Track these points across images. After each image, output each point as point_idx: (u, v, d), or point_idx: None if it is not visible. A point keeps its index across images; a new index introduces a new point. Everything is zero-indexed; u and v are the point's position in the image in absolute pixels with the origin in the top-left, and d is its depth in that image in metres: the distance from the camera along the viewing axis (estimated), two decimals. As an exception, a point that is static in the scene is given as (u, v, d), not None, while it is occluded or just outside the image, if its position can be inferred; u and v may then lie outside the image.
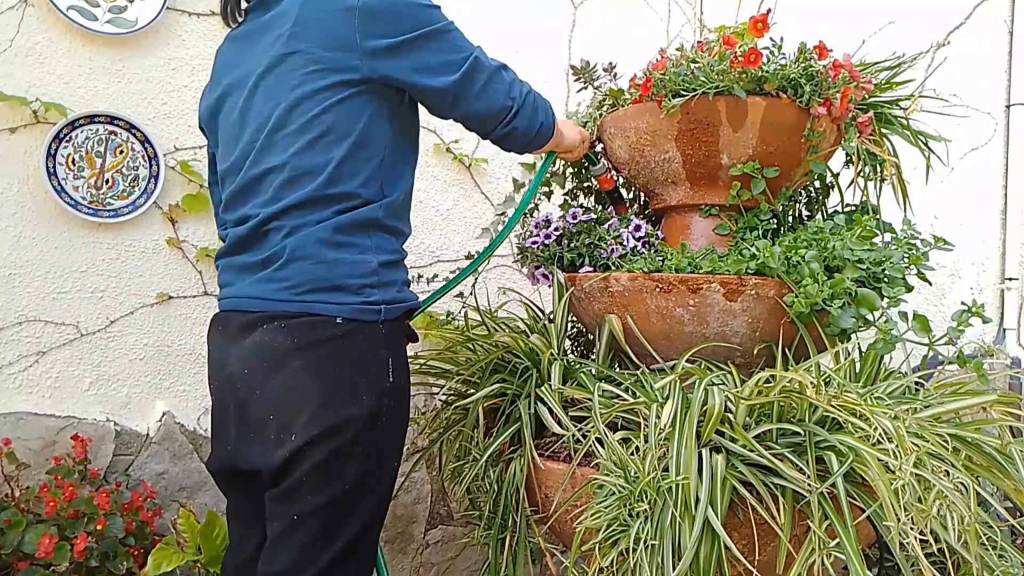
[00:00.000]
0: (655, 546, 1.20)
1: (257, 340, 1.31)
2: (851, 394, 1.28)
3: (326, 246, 1.28)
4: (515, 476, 1.53)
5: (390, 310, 1.33)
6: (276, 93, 1.31)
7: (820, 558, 1.18)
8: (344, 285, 1.29)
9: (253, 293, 1.33)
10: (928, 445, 1.22)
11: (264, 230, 1.32)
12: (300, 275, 1.29)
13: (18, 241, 2.02)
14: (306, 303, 1.28)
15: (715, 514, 1.20)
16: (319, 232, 1.28)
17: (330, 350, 1.27)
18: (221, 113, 1.44)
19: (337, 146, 1.29)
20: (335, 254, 1.29)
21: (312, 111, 1.28)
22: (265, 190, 1.33)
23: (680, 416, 1.29)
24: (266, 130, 1.31)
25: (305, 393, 1.26)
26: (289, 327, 1.28)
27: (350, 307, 1.29)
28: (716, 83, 1.54)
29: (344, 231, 1.30)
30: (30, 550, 1.73)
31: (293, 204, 1.29)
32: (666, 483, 1.22)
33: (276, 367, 1.28)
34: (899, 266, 1.47)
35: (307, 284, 1.28)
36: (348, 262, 1.30)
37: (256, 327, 1.31)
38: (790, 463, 1.24)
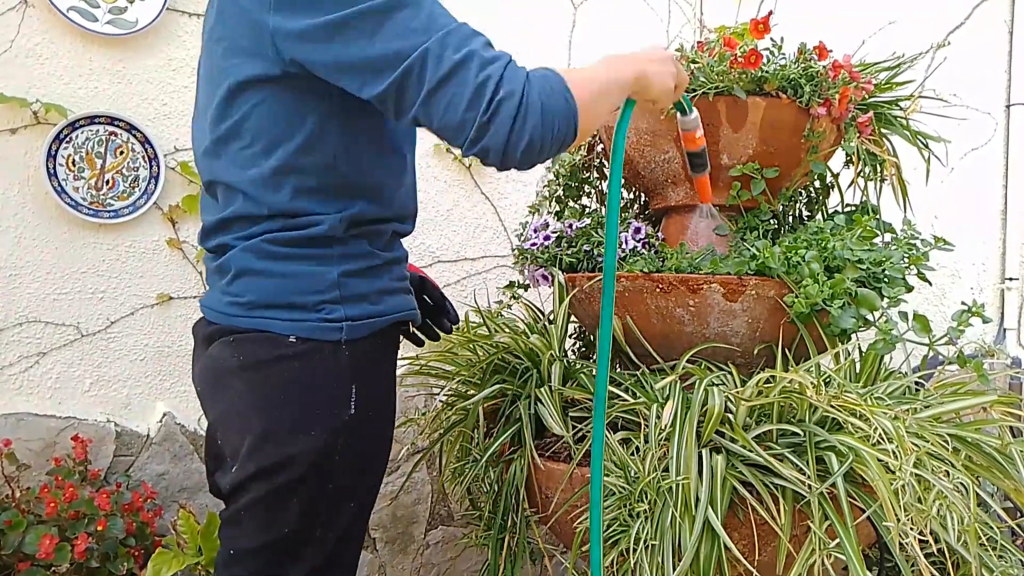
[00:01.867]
0: (655, 546, 1.20)
1: (211, 355, 1.17)
2: (851, 394, 1.28)
3: (273, 259, 1.11)
4: (515, 476, 1.53)
5: (356, 327, 1.11)
6: (209, 92, 1.14)
7: (820, 558, 1.18)
8: (295, 303, 1.10)
9: (211, 304, 1.18)
10: (928, 445, 1.22)
11: (217, 242, 1.17)
12: (248, 290, 1.12)
13: (19, 242, 2.02)
14: (257, 319, 1.11)
15: (715, 514, 1.20)
16: (264, 244, 1.11)
17: (277, 373, 1.09)
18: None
19: (267, 155, 1.09)
20: (283, 266, 1.11)
21: (235, 114, 1.09)
22: (214, 198, 1.19)
23: (680, 416, 1.29)
24: (207, 135, 1.15)
25: (245, 421, 1.11)
26: (237, 342, 1.12)
27: (306, 324, 1.10)
28: (716, 83, 1.54)
29: (295, 244, 1.11)
30: (31, 551, 1.73)
31: (234, 217, 1.13)
32: (666, 483, 1.22)
33: (221, 386, 1.15)
34: (899, 266, 1.47)
35: (257, 301, 1.11)
36: (301, 274, 1.11)
37: (211, 341, 1.17)
38: (790, 463, 1.24)
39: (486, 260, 2.47)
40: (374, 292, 1.16)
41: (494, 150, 0.98)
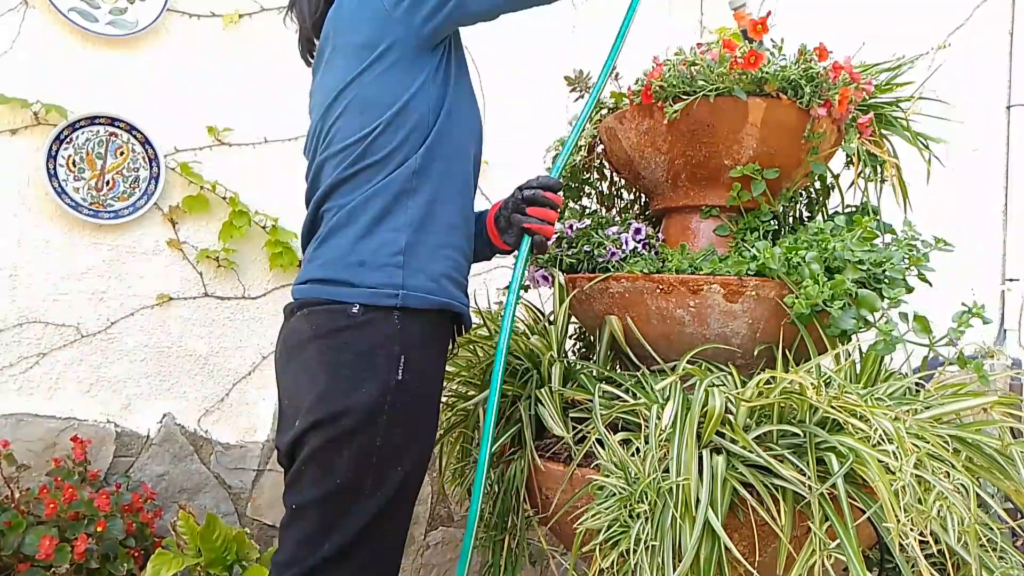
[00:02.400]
0: (655, 547, 1.20)
1: (289, 327, 1.35)
2: (851, 395, 1.28)
3: (358, 219, 1.28)
4: (515, 477, 1.53)
5: (411, 298, 1.27)
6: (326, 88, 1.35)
7: (820, 559, 1.18)
8: (366, 261, 1.27)
9: (298, 279, 1.35)
10: (928, 446, 1.22)
11: (320, 212, 1.34)
12: (331, 251, 1.29)
13: (19, 243, 2.02)
14: (328, 287, 1.27)
15: (715, 515, 1.20)
16: (354, 205, 1.28)
17: (342, 339, 1.26)
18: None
19: (372, 117, 1.29)
20: (364, 228, 1.28)
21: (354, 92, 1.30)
22: (323, 178, 1.34)
23: (680, 417, 1.29)
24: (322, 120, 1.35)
25: (312, 380, 1.26)
26: (311, 314, 1.29)
27: (365, 291, 1.26)
28: (716, 84, 1.54)
29: (377, 201, 1.28)
30: (30, 552, 1.73)
31: (337, 182, 1.31)
32: (666, 484, 1.22)
33: (296, 354, 1.30)
34: (899, 267, 1.47)
35: (335, 261, 1.28)
36: (375, 236, 1.28)
37: (293, 314, 1.34)
38: (790, 464, 1.24)
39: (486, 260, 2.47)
40: (438, 273, 1.31)
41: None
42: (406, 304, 1.26)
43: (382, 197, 1.28)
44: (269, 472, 2.24)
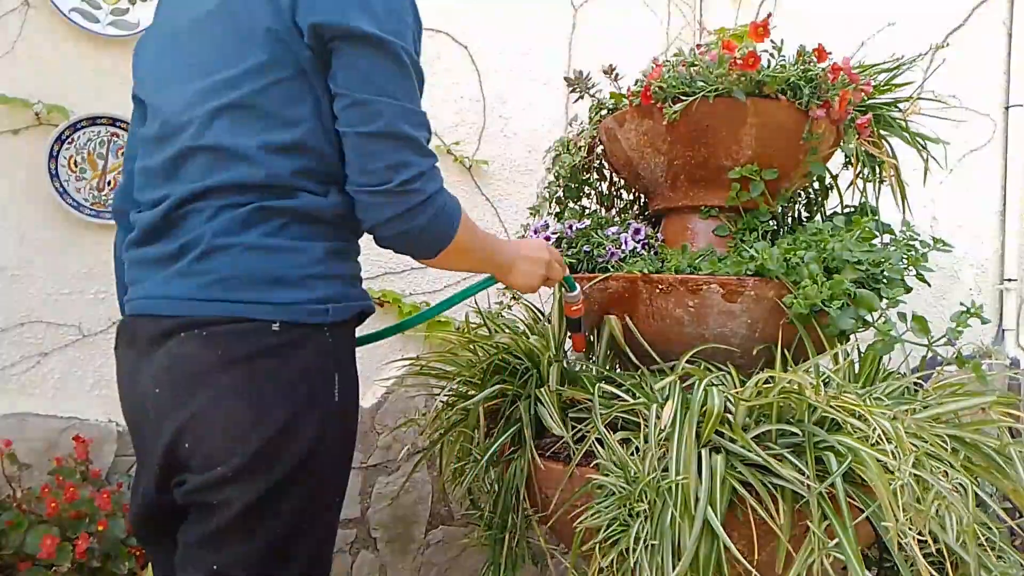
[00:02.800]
0: (655, 546, 1.20)
1: (174, 353, 1.07)
2: (850, 395, 1.29)
3: (258, 230, 1.07)
4: (515, 476, 1.53)
5: (339, 310, 1.11)
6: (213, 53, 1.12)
7: (819, 558, 1.18)
8: (280, 278, 1.07)
9: (168, 292, 1.09)
10: (927, 446, 1.22)
11: (181, 212, 1.11)
12: (227, 266, 1.06)
13: (20, 243, 2.02)
14: (234, 304, 1.05)
15: (715, 514, 1.20)
16: (252, 214, 1.07)
17: (266, 365, 1.05)
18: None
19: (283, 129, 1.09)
20: (268, 239, 1.07)
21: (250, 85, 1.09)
22: (180, 169, 1.13)
23: (680, 417, 1.30)
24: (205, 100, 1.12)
25: (232, 418, 1.04)
26: (213, 336, 1.05)
27: (290, 308, 1.07)
28: (715, 85, 1.54)
29: (284, 214, 1.09)
30: (32, 551, 1.74)
31: (221, 186, 1.08)
32: (666, 483, 1.23)
33: (197, 386, 1.05)
34: (898, 267, 1.48)
35: (237, 276, 1.06)
36: (286, 248, 1.08)
37: (171, 336, 1.07)
38: (789, 463, 1.25)
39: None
40: (349, 275, 1.17)
41: (383, 211, 1.10)
42: (336, 318, 1.11)
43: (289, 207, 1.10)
44: (270, 471, 2.25)
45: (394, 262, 2.36)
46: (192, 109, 1.11)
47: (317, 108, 1.09)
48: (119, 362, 1.20)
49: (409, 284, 2.40)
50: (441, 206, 1.12)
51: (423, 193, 1.09)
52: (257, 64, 1.07)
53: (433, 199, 1.11)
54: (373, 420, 2.33)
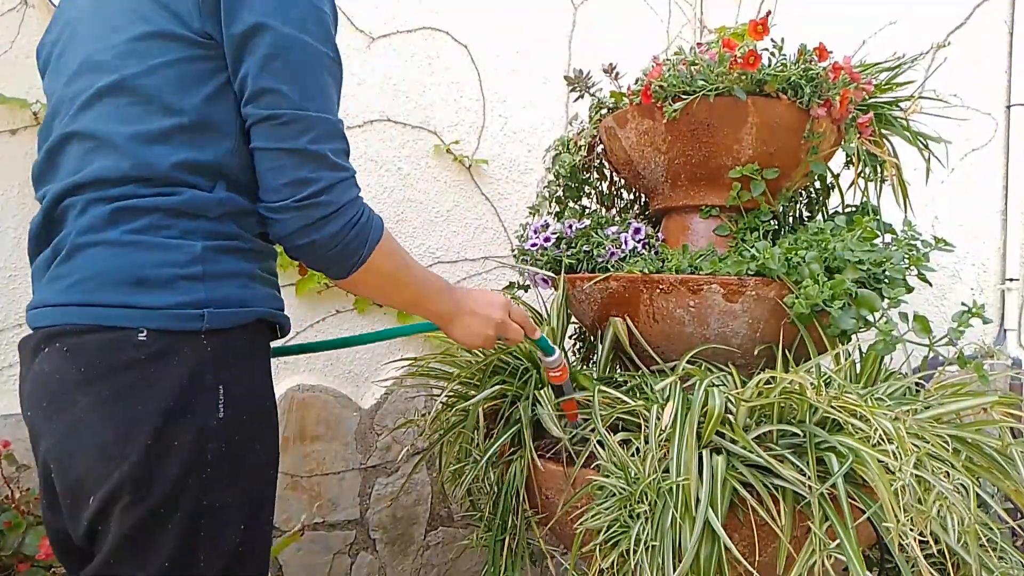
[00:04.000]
0: (655, 547, 1.20)
1: (38, 370, 1.00)
2: (851, 395, 1.28)
3: (126, 226, 0.98)
4: (515, 477, 1.53)
5: (219, 316, 0.99)
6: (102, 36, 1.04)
7: (820, 559, 1.18)
8: (147, 278, 0.96)
9: (42, 300, 1.02)
10: (928, 446, 1.22)
11: (59, 209, 1.03)
12: (88, 265, 0.97)
13: (19, 243, 2.02)
14: (94, 309, 0.96)
15: (715, 515, 1.20)
16: (119, 209, 0.98)
17: (130, 380, 0.95)
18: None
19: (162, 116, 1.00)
20: (136, 235, 0.97)
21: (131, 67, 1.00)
22: (58, 161, 1.05)
23: (680, 417, 1.29)
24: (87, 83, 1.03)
25: (95, 440, 0.95)
26: (74, 351, 0.96)
27: (157, 312, 0.96)
28: (716, 84, 1.54)
29: (158, 211, 0.98)
30: (31, 552, 1.73)
31: (92, 180, 1.00)
32: (666, 484, 1.22)
33: (60, 407, 0.97)
34: (899, 267, 1.47)
35: (98, 276, 0.96)
36: (157, 245, 0.97)
37: (39, 351, 1.00)
38: (790, 464, 1.24)
39: (486, 261, 2.47)
40: (242, 275, 1.04)
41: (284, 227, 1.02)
42: (214, 326, 0.98)
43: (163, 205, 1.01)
44: (269, 472, 2.24)
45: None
46: (71, 95, 1.04)
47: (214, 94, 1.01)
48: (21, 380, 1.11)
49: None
50: (351, 221, 1.04)
51: (331, 205, 1.01)
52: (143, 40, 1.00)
53: (340, 213, 1.02)
54: (372, 421, 2.33)
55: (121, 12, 1.02)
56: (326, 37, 1.04)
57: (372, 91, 2.31)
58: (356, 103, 2.29)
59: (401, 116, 2.35)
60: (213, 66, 1.01)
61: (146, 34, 0.99)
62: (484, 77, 2.45)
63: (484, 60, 2.45)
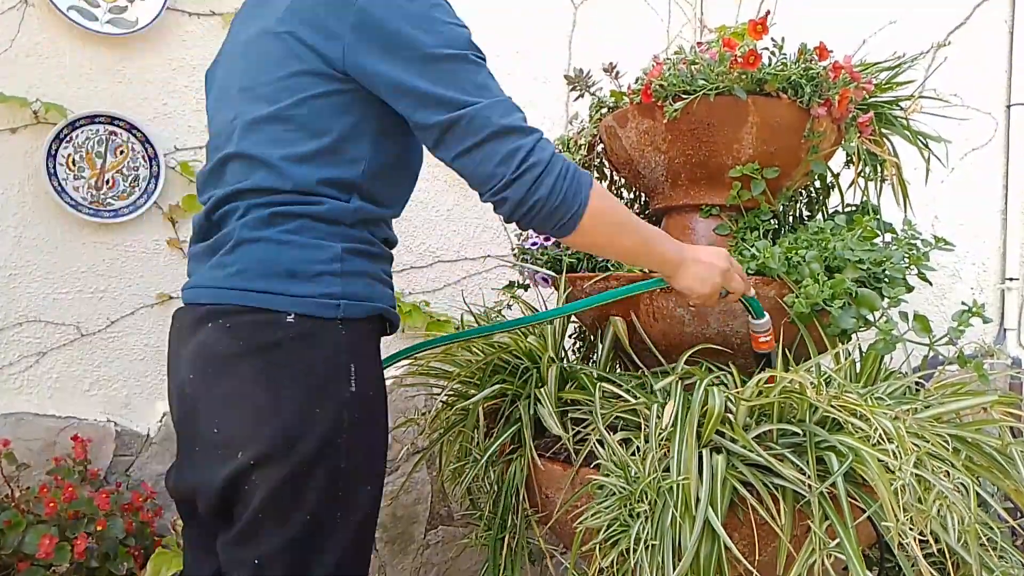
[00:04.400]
0: (655, 546, 1.20)
1: (202, 340, 1.16)
2: (851, 394, 1.28)
3: (279, 228, 1.15)
4: (515, 476, 1.53)
5: (352, 307, 1.16)
6: (259, 67, 1.20)
7: (820, 558, 1.18)
8: (296, 271, 1.14)
9: (203, 282, 1.19)
10: (928, 445, 1.22)
11: (220, 213, 1.20)
12: (248, 258, 1.14)
13: (19, 242, 2.02)
14: (253, 294, 1.13)
15: (715, 514, 1.20)
16: (274, 215, 1.15)
17: (281, 354, 1.12)
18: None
19: (308, 142, 1.17)
20: (288, 236, 1.15)
21: (287, 99, 1.17)
22: (223, 173, 1.22)
23: (680, 417, 1.29)
24: (248, 110, 1.20)
25: (251, 404, 1.11)
26: (235, 327, 1.13)
27: (303, 300, 1.13)
28: (716, 84, 1.54)
29: (304, 217, 1.16)
30: (30, 551, 1.74)
31: (251, 188, 1.17)
32: (666, 483, 1.22)
33: (221, 373, 1.14)
34: (899, 266, 1.47)
35: (256, 268, 1.14)
36: (305, 244, 1.15)
37: (203, 324, 1.16)
38: (790, 463, 1.24)
39: (487, 260, 2.47)
40: (370, 275, 1.21)
41: (509, 200, 1.16)
42: (348, 315, 1.16)
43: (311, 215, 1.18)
44: (269, 471, 2.24)
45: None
46: (236, 119, 1.21)
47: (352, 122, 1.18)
48: (168, 348, 1.29)
49: (409, 283, 2.39)
50: (560, 170, 1.16)
51: (541, 162, 1.14)
52: (295, 77, 1.16)
53: (550, 167, 1.15)
54: (373, 419, 2.33)
55: (277, 51, 1.17)
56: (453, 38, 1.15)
57: (372, 90, 2.30)
58: (356, 102, 2.28)
59: (401, 115, 2.34)
60: (351, 98, 1.16)
61: (298, 72, 1.15)
62: (484, 76, 2.44)
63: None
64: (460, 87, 1.12)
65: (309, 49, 1.14)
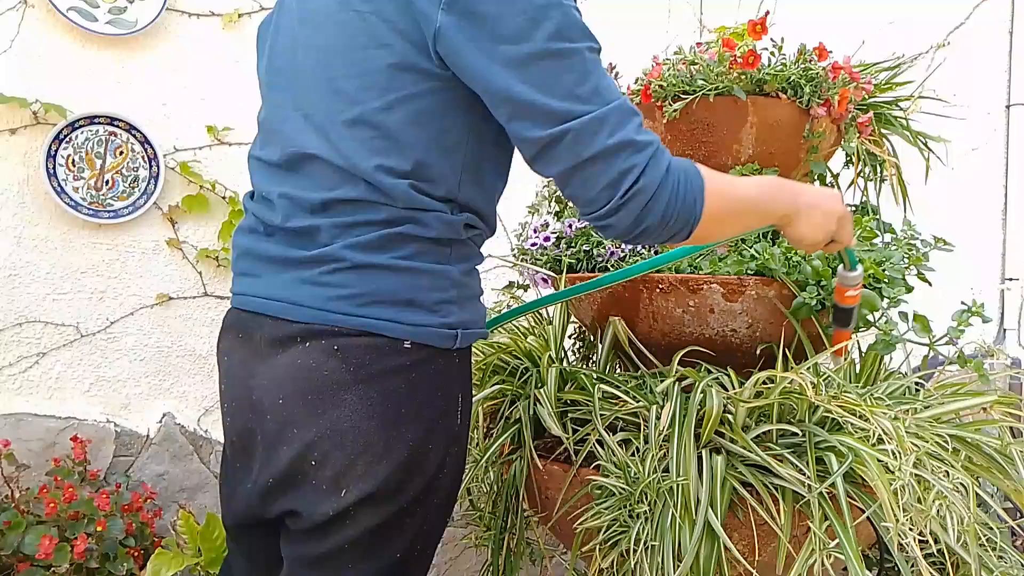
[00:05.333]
0: (655, 547, 1.20)
1: (299, 363, 1.03)
2: (851, 394, 1.28)
3: (395, 254, 1.03)
4: (515, 477, 1.53)
5: (467, 336, 1.08)
6: (335, 61, 1.04)
7: (820, 559, 1.18)
8: (416, 301, 1.03)
9: (294, 298, 1.04)
10: (928, 446, 1.22)
11: (309, 224, 1.05)
12: (361, 283, 1.02)
13: (18, 242, 2.02)
14: (366, 319, 1.01)
15: (715, 515, 1.20)
16: (385, 239, 1.03)
17: (395, 385, 1.02)
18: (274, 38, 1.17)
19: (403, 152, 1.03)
20: (407, 262, 1.03)
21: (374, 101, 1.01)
22: (297, 172, 1.08)
23: (679, 417, 1.29)
24: (325, 108, 1.05)
25: (362, 438, 1.01)
26: (344, 350, 1.01)
27: (422, 329, 1.03)
28: (715, 84, 1.54)
29: (418, 240, 1.04)
30: (30, 551, 1.74)
31: (343, 200, 1.03)
32: (666, 484, 1.22)
33: (325, 401, 1.01)
34: (899, 266, 1.47)
35: (371, 295, 1.02)
36: (425, 271, 1.04)
37: (295, 343, 1.03)
38: (790, 464, 1.24)
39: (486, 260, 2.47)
40: (477, 296, 1.13)
41: (615, 228, 1.04)
42: (463, 344, 1.07)
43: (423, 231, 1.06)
44: (269, 471, 2.24)
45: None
46: (311, 111, 1.06)
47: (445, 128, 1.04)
48: (226, 354, 1.16)
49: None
50: (672, 188, 1.02)
51: (651, 186, 1.00)
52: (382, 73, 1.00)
53: (663, 186, 1.01)
54: (372, 420, 2.33)
55: (359, 33, 1.01)
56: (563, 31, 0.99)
57: (372, 90, 2.30)
58: (356, 102, 2.29)
59: (401, 115, 2.34)
60: (447, 99, 1.01)
61: (386, 66, 0.99)
62: (484, 76, 2.45)
63: (484, 59, 2.45)
64: (567, 92, 0.97)
65: (397, 33, 0.98)
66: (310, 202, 1.05)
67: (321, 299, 1.02)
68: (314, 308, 1.02)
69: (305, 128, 1.06)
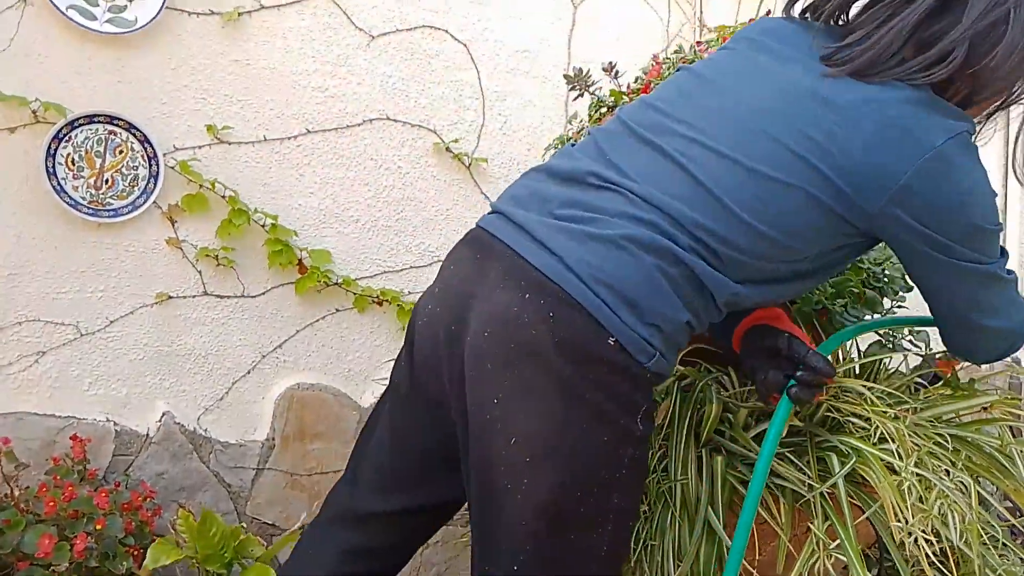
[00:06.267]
0: (655, 546, 1.20)
1: (515, 310, 1.04)
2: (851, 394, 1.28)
3: (664, 267, 1.05)
4: (515, 476, 1.52)
5: (659, 364, 1.08)
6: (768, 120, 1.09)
7: (821, 558, 1.18)
8: (639, 306, 1.04)
9: (560, 249, 1.06)
10: (929, 445, 1.22)
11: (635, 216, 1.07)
12: (614, 264, 1.04)
13: (18, 241, 2.01)
14: (592, 297, 1.03)
15: (715, 515, 1.20)
16: (675, 254, 1.06)
17: (592, 372, 1.04)
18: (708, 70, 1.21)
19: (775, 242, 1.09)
20: (664, 280, 1.05)
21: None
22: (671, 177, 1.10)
23: (679, 417, 1.29)
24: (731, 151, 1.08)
25: (549, 415, 1.03)
26: (558, 319, 1.02)
27: (631, 333, 1.04)
28: (716, 83, 1.53)
29: (691, 278, 1.07)
30: (29, 550, 1.73)
31: (691, 223, 1.07)
32: (666, 484, 1.22)
33: (525, 359, 1.03)
34: (899, 266, 1.47)
35: (610, 276, 1.04)
36: (667, 293, 1.06)
37: (522, 288, 1.05)
38: (790, 463, 1.24)
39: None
40: (680, 350, 1.14)
41: (974, 362, 1.33)
42: (654, 369, 1.07)
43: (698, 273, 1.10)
44: (268, 471, 2.24)
45: (392, 260, 2.36)
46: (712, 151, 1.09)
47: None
48: (456, 262, 1.18)
49: (408, 283, 2.39)
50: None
51: (1012, 350, 1.26)
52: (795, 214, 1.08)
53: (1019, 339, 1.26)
54: (372, 419, 2.33)
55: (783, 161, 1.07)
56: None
57: (372, 89, 2.30)
58: (356, 102, 2.29)
59: (400, 115, 2.34)
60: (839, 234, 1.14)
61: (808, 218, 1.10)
62: (483, 75, 2.44)
63: (484, 59, 2.45)
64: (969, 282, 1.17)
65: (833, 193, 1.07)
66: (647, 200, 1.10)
67: (578, 263, 1.06)
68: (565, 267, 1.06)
69: (689, 151, 1.12)
